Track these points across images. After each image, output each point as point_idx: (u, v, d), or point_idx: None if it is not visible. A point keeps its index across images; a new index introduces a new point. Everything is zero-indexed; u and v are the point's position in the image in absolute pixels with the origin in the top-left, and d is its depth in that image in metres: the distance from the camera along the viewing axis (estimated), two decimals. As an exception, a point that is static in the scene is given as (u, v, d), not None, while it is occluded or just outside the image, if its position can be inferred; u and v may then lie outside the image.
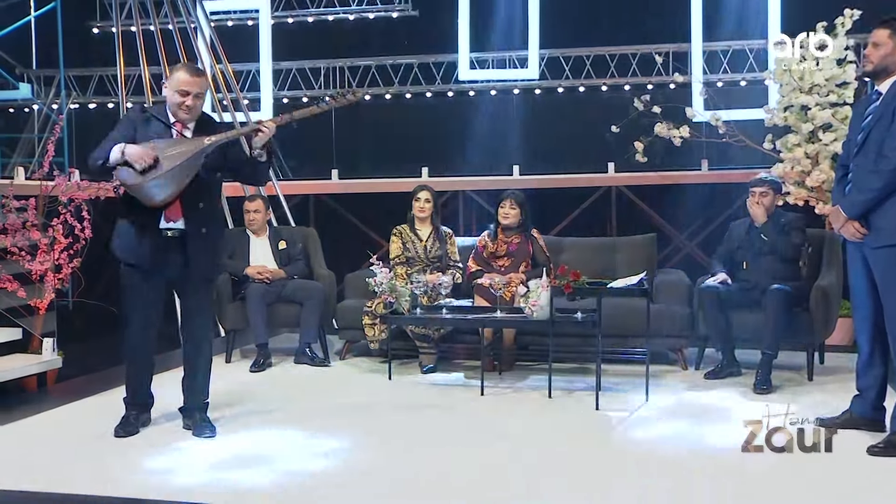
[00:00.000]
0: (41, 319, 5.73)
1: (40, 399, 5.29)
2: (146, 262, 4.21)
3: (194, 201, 4.21)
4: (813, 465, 3.80)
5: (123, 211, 4.29)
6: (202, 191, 4.23)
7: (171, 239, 4.22)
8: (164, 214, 4.19)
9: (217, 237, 4.48)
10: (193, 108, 4.20)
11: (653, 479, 3.71)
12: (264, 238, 6.49)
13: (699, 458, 3.96)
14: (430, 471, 3.86)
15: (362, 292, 6.12)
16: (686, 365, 5.89)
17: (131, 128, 4.19)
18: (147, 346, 4.41)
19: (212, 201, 4.37)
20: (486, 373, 5.35)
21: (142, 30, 7.91)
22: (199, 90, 4.21)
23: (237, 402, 5.00)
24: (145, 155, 4.03)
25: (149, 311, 4.35)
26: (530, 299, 5.19)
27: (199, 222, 4.25)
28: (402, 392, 5.39)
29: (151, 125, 4.23)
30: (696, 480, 3.70)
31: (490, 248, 6.19)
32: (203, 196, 4.25)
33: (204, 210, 4.27)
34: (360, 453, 4.12)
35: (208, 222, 4.31)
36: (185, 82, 4.17)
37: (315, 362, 6.13)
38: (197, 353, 4.46)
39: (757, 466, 3.80)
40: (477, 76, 9.84)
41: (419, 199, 6.29)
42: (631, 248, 6.53)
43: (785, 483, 3.62)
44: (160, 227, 4.20)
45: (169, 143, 4.15)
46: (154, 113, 4.28)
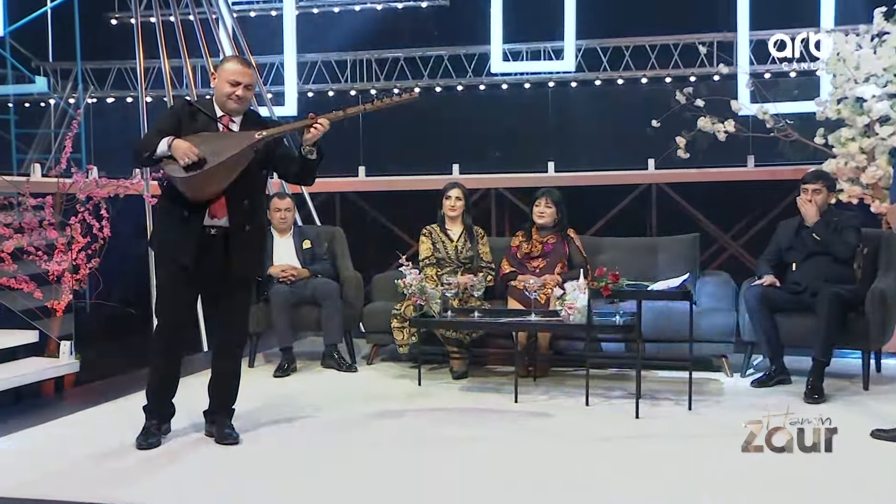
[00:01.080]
0: (58, 322, 5.79)
1: (57, 404, 5.35)
2: (188, 261, 4.22)
3: (239, 198, 4.24)
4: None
5: (166, 206, 4.33)
6: (248, 187, 4.26)
7: (214, 237, 4.25)
8: (208, 211, 4.22)
9: (260, 236, 4.51)
10: (243, 98, 4.25)
11: (696, 494, 3.68)
12: (288, 237, 6.52)
13: (747, 473, 3.92)
14: (462, 480, 3.85)
15: (391, 294, 6.13)
16: (731, 372, 5.84)
17: (176, 120, 4.23)
18: (177, 351, 4.43)
19: (257, 199, 4.39)
20: (520, 379, 5.33)
21: (162, 21, 7.98)
22: (250, 81, 4.28)
23: (261, 409, 5.03)
24: (191, 151, 4.06)
25: (183, 313, 4.40)
26: (566, 302, 5.17)
27: (242, 220, 4.26)
28: (433, 398, 5.39)
29: (198, 118, 4.27)
30: (744, 497, 3.66)
31: (524, 248, 6.18)
32: (248, 192, 4.27)
33: (248, 207, 4.28)
34: (388, 462, 4.13)
35: (252, 220, 4.32)
36: (236, 72, 4.24)
37: (342, 367, 6.16)
38: (231, 358, 4.49)
39: (813, 476, 3.76)
40: (510, 68, 9.85)
41: (450, 197, 6.29)
42: (672, 248, 6.48)
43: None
44: (204, 224, 4.23)
45: (216, 137, 4.20)
46: (199, 106, 4.32)
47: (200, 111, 4.29)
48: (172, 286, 4.31)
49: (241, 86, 4.23)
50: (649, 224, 8.67)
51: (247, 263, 4.34)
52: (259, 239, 4.49)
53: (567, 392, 5.47)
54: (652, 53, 9.47)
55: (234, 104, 4.25)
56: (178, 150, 4.07)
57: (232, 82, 4.22)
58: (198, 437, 4.50)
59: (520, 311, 5.67)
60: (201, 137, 4.16)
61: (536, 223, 6.18)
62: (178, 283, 4.29)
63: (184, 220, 4.22)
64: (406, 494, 3.70)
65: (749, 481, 3.79)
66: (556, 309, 5.33)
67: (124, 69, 10.55)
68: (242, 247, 4.28)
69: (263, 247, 4.70)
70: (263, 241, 4.67)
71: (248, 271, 4.39)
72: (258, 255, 4.54)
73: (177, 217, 4.23)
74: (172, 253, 4.27)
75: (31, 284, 5.67)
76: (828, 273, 5.50)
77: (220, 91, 4.25)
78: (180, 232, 4.23)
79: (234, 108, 4.26)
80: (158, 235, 4.38)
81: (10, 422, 4.82)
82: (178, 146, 4.07)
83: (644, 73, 9.44)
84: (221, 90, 4.24)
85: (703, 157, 7.78)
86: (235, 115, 4.30)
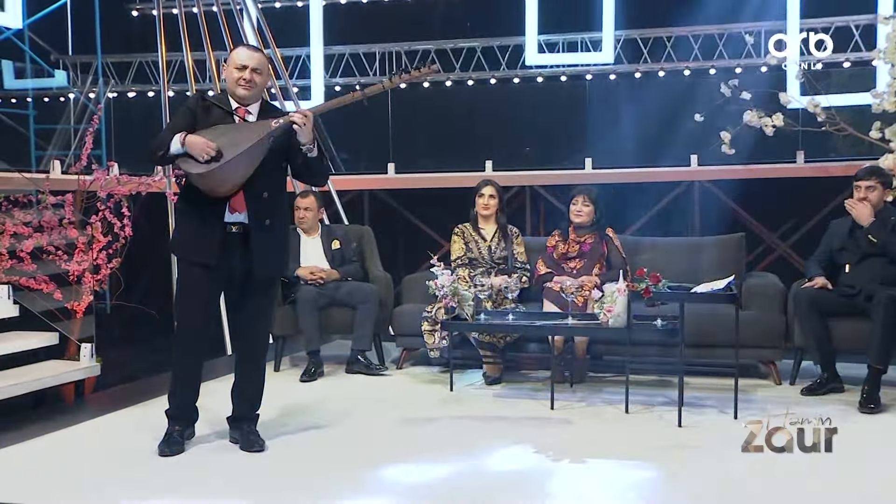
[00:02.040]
0: (78, 323, 5.85)
1: (78, 409, 5.41)
2: (211, 258, 4.24)
3: (258, 191, 4.26)
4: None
5: (185, 203, 4.37)
6: (267, 180, 4.28)
7: (235, 234, 4.27)
8: (228, 206, 4.25)
9: (283, 232, 4.53)
10: (251, 82, 4.27)
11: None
12: (316, 237, 6.55)
13: (796, 487, 3.88)
14: (495, 490, 3.85)
15: (421, 296, 6.15)
16: (780, 379, 5.79)
17: (190, 116, 4.27)
18: (199, 353, 4.47)
19: (278, 193, 4.39)
20: (556, 385, 5.33)
21: (184, 12, 8.04)
22: (257, 65, 4.29)
23: (287, 415, 5.06)
24: (206, 146, 4.09)
25: (206, 314, 4.42)
26: (605, 305, 5.15)
27: (263, 214, 4.28)
28: (465, 405, 5.40)
29: (212, 113, 4.31)
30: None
31: (561, 248, 6.17)
32: (268, 186, 4.29)
33: (269, 201, 4.29)
34: (419, 471, 4.14)
35: (273, 214, 4.33)
36: (241, 56, 4.30)
37: (370, 371, 6.18)
38: (254, 362, 4.52)
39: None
40: (546, 60, 9.83)
41: (483, 195, 6.29)
42: (717, 249, 6.45)
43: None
44: (225, 221, 4.26)
45: (232, 129, 4.24)
46: (214, 100, 4.37)
47: (215, 105, 4.33)
48: (194, 286, 4.34)
49: (248, 69, 4.26)
50: (692, 223, 8.61)
51: (269, 261, 4.34)
52: (282, 236, 4.51)
53: (606, 399, 5.45)
54: (695, 44, 9.42)
55: (242, 90, 4.27)
56: (195, 146, 4.10)
57: (238, 66, 4.27)
58: (222, 443, 4.53)
59: (556, 313, 5.65)
60: (217, 131, 4.20)
61: (573, 222, 6.17)
62: (199, 283, 4.32)
63: (204, 217, 4.25)
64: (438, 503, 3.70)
65: (798, 497, 3.75)
66: (594, 312, 5.32)
67: (146, 62, 10.66)
68: (264, 243, 4.30)
69: (286, 245, 4.70)
70: (286, 238, 4.69)
71: (270, 269, 4.39)
72: (281, 254, 4.53)
73: (197, 214, 4.27)
74: (194, 252, 4.30)
75: (51, 285, 5.73)
76: (883, 275, 5.43)
77: (230, 79, 4.30)
78: (201, 230, 4.26)
79: (244, 95, 4.29)
80: (180, 234, 4.42)
81: (29, 427, 4.89)
82: (194, 142, 4.11)
83: (687, 65, 9.38)
84: (230, 78, 4.30)
85: (749, 153, 7.71)
86: (249, 104, 4.31)
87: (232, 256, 4.28)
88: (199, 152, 4.09)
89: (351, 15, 10.32)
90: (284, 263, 4.72)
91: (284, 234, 4.62)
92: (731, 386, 5.06)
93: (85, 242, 5.88)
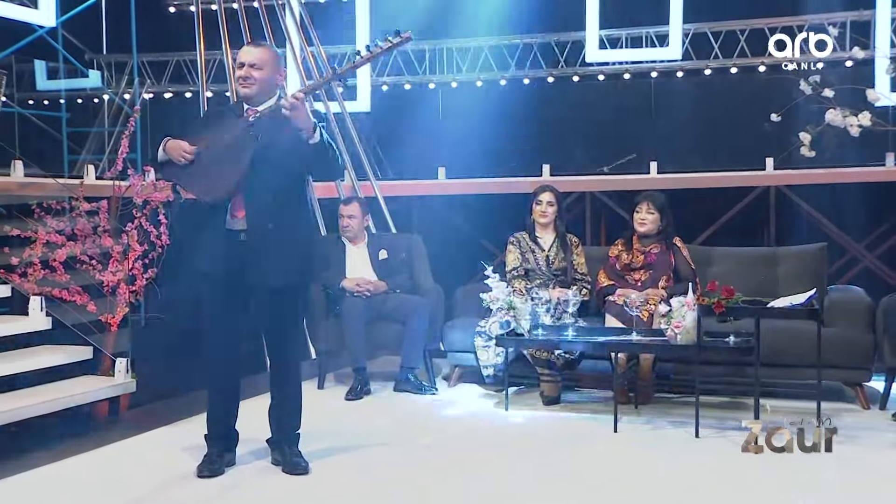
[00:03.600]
0: (113, 337, 5.92)
1: (112, 427, 5.50)
2: (217, 268, 4.32)
3: (260, 193, 4.27)
4: None
5: (189, 212, 4.45)
6: (272, 181, 4.27)
7: (243, 242, 4.31)
8: (229, 211, 4.30)
9: (295, 238, 4.40)
10: (248, 78, 4.28)
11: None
12: (362, 246, 6.60)
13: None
14: (555, 520, 3.85)
15: (475, 310, 6.16)
16: (867, 403, 5.70)
17: (202, 121, 4.35)
18: (231, 371, 4.52)
19: (286, 195, 4.34)
20: (619, 406, 5.31)
21: (224, 8, 8.15)
22: (254, 60, 4.30)
23: (332, 435, 5.10)
24: (182, 149, 4.17)
25: (230, 328, 4.46)
26: (673, 320, 5.14)
27: (263, 218, 4.27)
28: (521, 426, 5.40)
29: (225, 117, 4.39)
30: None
31: (624, 259, 6.15)
32: (272, 188, 4.28)
33: (273, 205, 4.28)
34: (471, 497, 4.14)
35: (280, 219, 4.30)
36: (240, 55, 4.36)
37: (420, 390, 6.21)
38: (283, 379, 4.56)
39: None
40: (608, 57, 9.82)
41: (541, 201, 6.30)
42: (795, 260, 6.40)
43: None
44: (228, 228, 4.31)
45: (218, 129, 4.31)
46: (230, 105, 4.45)
47: (229, 109, 4.38)
48: (210, 299, 4.42)
49: (245, 66, 4.30)
50: (768, 232, 8.50)
51: (269, 270, 4.29)
52: (292, 242, 4.37)
53: (673, 421, 5.42)
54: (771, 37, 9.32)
55: (242, 88, 4.32)
56: (172, 150, 4.21)
57: (238, 65, 4.33)
58: (263, 465, 4.59)
59: (619, 329, 5.64)
60: (211, 134, 4.27)
61: (638, 231, 6.15)
62: (214, 294, 4.39)
63: (206, 225, 4.32)
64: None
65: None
66: (661, 327, 5.30)
67: (183, 61, 10.84)
68: (263, 250, 4.28)
69: (303, 252, 4.48)
70: (304, 245, 4.49)
71: (271, 279, 4.31)
72: (290, 262, 4.35)
73: (201, 223, 4.34)
74: (200, 262, 4.36)
75: (85, 296, 5.82)
76: None
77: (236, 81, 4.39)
78: (208, 238, 4.33)
79: (245, 94, 4.33)
80: (190, 244, 4.44)
81: (60, 446, 4.98)
82: (171, 146, 4.21)
83: (762, 60, 9.30)
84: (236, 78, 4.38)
85: (831, 156, 7.61)
86: (255, 104, 4.31)
87: (243, 264, 4.30)
88: (176, 157, 4.19)
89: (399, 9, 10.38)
90: (302, 272, 4.50)
91: (299, 241, 4.44)
92: (813, 410, 5.02)
93: (120, 252, 5.96)
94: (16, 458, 4.73)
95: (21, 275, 5.76)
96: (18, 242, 5.83)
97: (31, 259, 5.77)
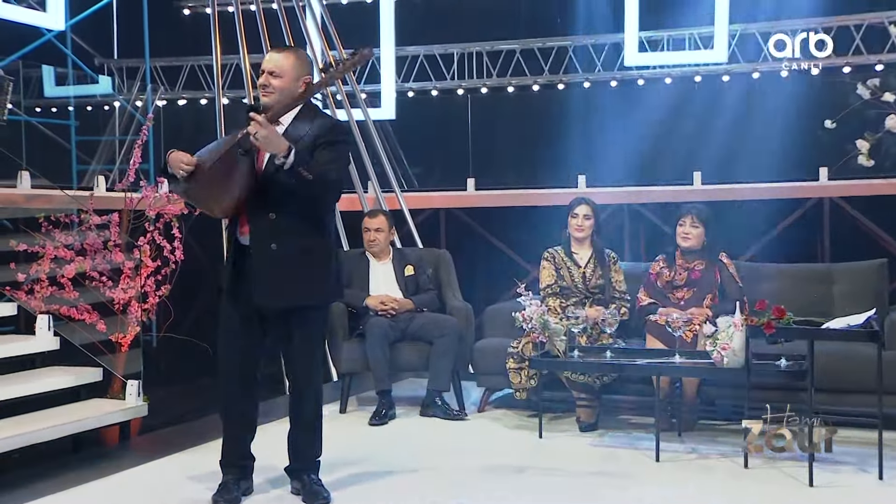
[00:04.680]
0: (124, 358, 5.96)
1: (122, 454, 5.53)
2: (225, 281, 4.41)
3: (262, 210, 4.29)
4: None
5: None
6: (275, 197, 4.26)
7: (250, 256, 4.35)
8: (238, 228, 4.37)
9: (308, 261, 4.36)
10: (267, 87, 4.31)
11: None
12: (387, 262, 6.62)
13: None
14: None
15: (506, 329, 6.15)
16: (934, 432, 5.64)
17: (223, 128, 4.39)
18: (245, 395, 4.52)
19: (294, 216, 4.31)
20: (661, 433, 5.28)
21: (241, 10, 8.20)
22: (274, 67, 4.32)
23: (355, 462, 5.10)
24: (180, 161, 4.18)
25: (244, 350, 4.46)
26: (719, 342, 5.11)
27: (265, 236, 4.29)
28: (556, 455, 5.38)
29: (237, 126, 4.41)
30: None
31: (666, 276, 6.13)
32: (276, 203, 4.27)
33: (276, 225, 4.28)
34: (505, 530, 4.13)
35: (284, 238, 4.28)
36: (263, 62, 4.40)
37: (448, 415, 6.20)
38: (301, 403, 4.57)
39: None
40: (648, 60, 9.79)
41: (577, 214, 6.28)
42: (852, 277, 6.36)
43: None
44: (242, 244, 4.36)
45: (223, 141, 4.34)
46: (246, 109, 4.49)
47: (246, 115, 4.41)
48: (226, 319, 4.45)
49: (265, 73, 4.33)
50: (821, 247, 8.45)
51: (269, 290, 4.29)
52: (305, 264, 4.35)
53: (720, 450, 5.38)
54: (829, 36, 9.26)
55: (262, 97, 4.37)
56: (172, 163, 4.22)
57: (260, 72, 4.38)
58: (282, 493, 4.59)
59: (661, 351, 5.62)
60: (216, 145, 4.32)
61: (680, 246, 6.12)
62: (228, 312, 4.43)
63: (228, 241, 4.42)
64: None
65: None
66: (706, 349, 5.27)
67: (198, 66, 10.90)
68: (264, 270, 4.29)
69: (317, 274, 4.43)
70: (317, 267, 4.43)
71: (272, 300, 4.31)
72: (299, 284, 4.33)
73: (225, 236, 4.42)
74: (220, 278, 4.48)
75: (94, 314, 5.86)
76: None
77: None
78: (227, 254, 4.44)
79: (265, 103, 4.35)
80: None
81: (68, 474, 5.00)
82: (170, 160, 4.23)
83: (816, 62, 9.23)
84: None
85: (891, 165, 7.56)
86: (275, 113, 4.29)
87: (248, 283, 4.35)
88: (174, 169, 4.21)
89: (426, 12, 10.41)
90: (313, 294, 4.43)
91: (313, 263, 4.40)
92: (874, 439, 4.95)
93: (132, 267, 6.00)
94: (21, 486, 4.75)
95: (27, 292, 5.81)
96: (25, 258, 5.89)
97: (38, 275, 5.82)
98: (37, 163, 7.59)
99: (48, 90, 10.41)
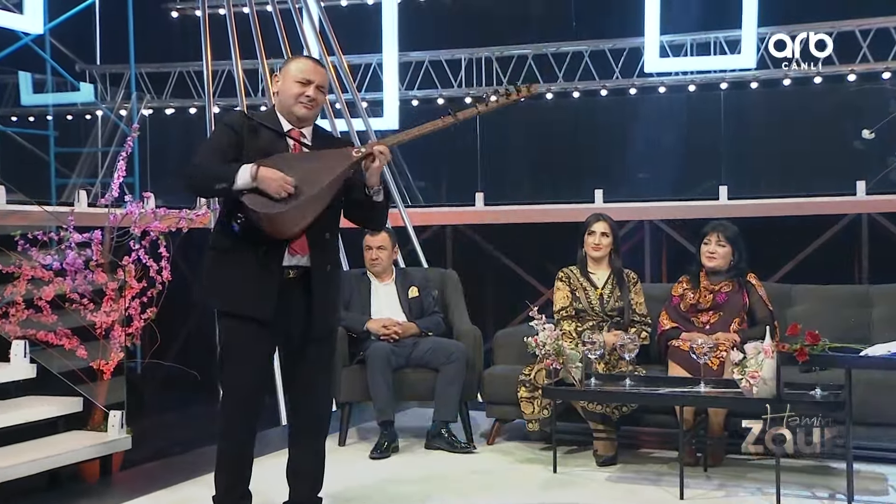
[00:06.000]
0: (106, 386, 5.94)
1: (103, 491, 5.49)
2: (267, 312, 4.29)
3: (322, 231, 4.34)
4: None
5: (232, 246, 4.34)
6: (329, 217, 4.36)
7: (293, 280, 4.34)
8: (288, 248, 4.32)
9: (339, 279, 4.65)
10: (315, 101, 4.35)
11: None
12: (390, 283, 6.62)
13: None
14: None
15: (517, 356, 6.15)
16: (983, 469, 5.64)
17: (235, 137, 4.30)
18: (251, 427, 4.49)
19: (335, 232, 4.50)
20: (686, 468, 5.27)
21: (234, 13, 8.23)
22: (322, 81, 4.39)
23: (355, 499, 5.09)
24: (284, 182, 4.14)
25: (259, 379, 4.46)
26: (748, 369, 5.09)
27: (324, 257, 4.38)
28: (573, 491, 5.36)
29: (261, 135, 4.36)
30: None
31: (689, 298, 6.12)
32: (331, 224, 4.40)
33: (330, 242, 4.42)
34: (517, 574, 4.12)
35: (334, 257, 4.47)
36: (306, 70, 4.37)
37: (455, 447, 6.19)
38: (314, 435, 4.55)
39: None
40: (669, 66, 9.83)
41: (594, 232, 6.29)
42: (893, 299, 6.35)
43: None
44: (284, 265, 4.33)
45: (298, 159, 4.31)
46: (261, 119, 4.43)
47: (262, 125, 4.39)
48: (245, 346, 4.37)
49: (313, 85, 4.33)
50: (859, 267, 8.46)
51: (328, 310, 4.44)
52: (338, 281, 4.63)
53: (750, 488, 5.36)
54: (864, 41, 9.28)
55: (303, 109, 4.34)
56: (270, 182, 4.11)
57: (302, 81, 4.32)
58: (278, 533, 4.59)
59: (684, 379, 5.61)
60: (283, 160, 4.24)
61: (706, 266, 6.12)
62: (250, 341, 4.35)
63: (259, 261, 4.27)
64: None
65: None
66: (734, 378, 5.26)
67: (187, 72, 10.96)
68: (325, 290, 4.37)
69: (337, 296, 4.70)
70: (337, 289, 4.69)
71: (331, 322, 4.50)
72: (338, 303, 4.66)
73: (250, 258, 4.28)
74: (245, 304, 4.31)
75: (75, 340, 5.85)
76: None
77: (287, 93, 4.35)
78: (256, 277, 4.28)
79: (305, 115, 4.35)
80: (223, 283, 4.38)
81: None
82: (269, 177, 4.12)
83: (852, 68, 9.25)
84: (288, 92, 4.34)
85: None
86: (305, 126, 4.38)
87: (289, 306, 4.33)
88: (277, 189, 4.12)
89: (432, 15, 10.46)
90: (338, 315, 4.82)
91: (340, 280, 4.73)
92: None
93: (115, 289, 5.99)
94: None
95: (2, 315, 5.81)
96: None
97: (14, 297, 5.81)
98: (12, 176, 7.60)
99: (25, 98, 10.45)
